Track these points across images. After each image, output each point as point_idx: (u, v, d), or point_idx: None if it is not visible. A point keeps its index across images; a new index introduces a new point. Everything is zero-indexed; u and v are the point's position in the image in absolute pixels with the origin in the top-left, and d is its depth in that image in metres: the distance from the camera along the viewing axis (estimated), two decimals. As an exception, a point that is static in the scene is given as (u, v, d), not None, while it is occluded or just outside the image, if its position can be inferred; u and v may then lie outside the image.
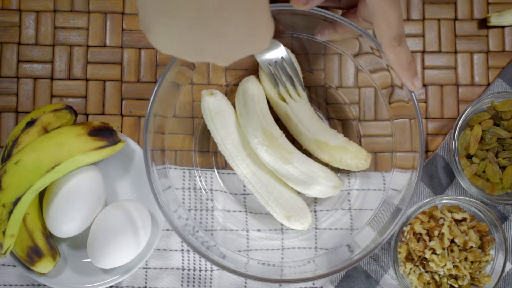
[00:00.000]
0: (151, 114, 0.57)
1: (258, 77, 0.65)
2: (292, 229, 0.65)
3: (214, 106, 0.62)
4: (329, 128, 0.65)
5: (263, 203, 0.63)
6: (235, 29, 0.38)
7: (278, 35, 0.63)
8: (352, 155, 0.62)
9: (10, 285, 0.65)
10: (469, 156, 0.64)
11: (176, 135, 0.65)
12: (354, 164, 0.63)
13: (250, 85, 0.63)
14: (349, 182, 0.66)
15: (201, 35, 0.38)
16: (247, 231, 0.66)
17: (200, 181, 0.66)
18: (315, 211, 0.66)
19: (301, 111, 0.63)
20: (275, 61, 0.62)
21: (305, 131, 0.63)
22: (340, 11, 0.63)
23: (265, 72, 0.63)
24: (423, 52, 0.69)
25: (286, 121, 0.64)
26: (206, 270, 0.66)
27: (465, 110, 0.63)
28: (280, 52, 0.62)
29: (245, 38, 0.39)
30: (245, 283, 0.66)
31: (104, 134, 0.62)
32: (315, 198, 0.66)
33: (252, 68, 0.66)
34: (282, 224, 0.65)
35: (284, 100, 0.63)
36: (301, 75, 0.64)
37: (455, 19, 0.69)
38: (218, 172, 0.67)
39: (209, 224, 0.65)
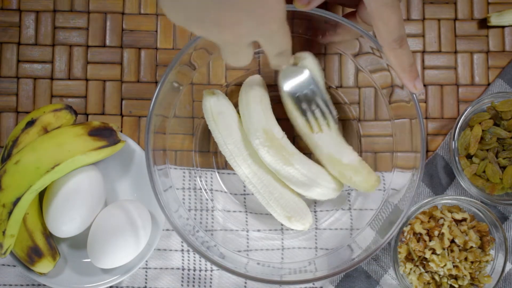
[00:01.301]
0: (153, 114, 0.57)
1: (261, 76, 0.64)
2: (292, 229, 0.65)
3: (216, 106, 0.62)
4: (346, 144, 0.63)
5: (264, 203, 0.63)
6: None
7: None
8: (362, 178, 0.61)
9: (10, 285, 0.65)
10: (469, 156, 0.64)
11: (176, 135, 0.65)
12: (362, 186, 0.62)
13: (254, 84, 0.63)
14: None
15: (208, 2, 0.39)
16: (247, 231, 0.66)
17: (200, 181, 0.66)
18: (315, 211, 0.66)
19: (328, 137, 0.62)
20: (305, 93, 0.60)
21: (320, 143, 0.62)
22: (341, 11, 0.63)
23: (292, 103, 0.60)
24: (423, 52, 0.69)
25: (302, 136, 0.64)
26: (206, 270, 0.66)
27: (465, 110, 0.63)
28: (308, 81, 0.59)
29: (251, 8, 0.40)
30: (245, 283, 0.66)
31: (104, 134, 0.62)
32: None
33: (254, 68, 0.66)
34: (282, 224, 0.65)
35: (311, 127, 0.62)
36: (334, 111, 0.61)
37: (455, 19, 0.69)
38: (218, 172, 0.67)
39: (209, 224, 0.65)
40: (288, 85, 0.59)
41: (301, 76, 0.59)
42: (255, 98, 0.62)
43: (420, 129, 0.56)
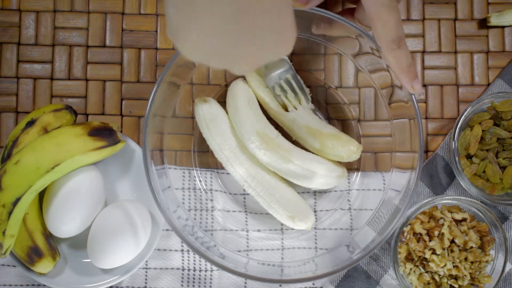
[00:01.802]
0: (151, 114, 0.57)
1: (245, 79, 0.65)
2: (292, 229, 0.65)
3: (209, 113, 0.62)
4: (321, 120, 0.65)
5: (265, 205, 0.63)
6: (262, 31, 0.38)
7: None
8: (343, 142, 0.62)
9: (10, 285, 0.65)
10: (469, 156, 0.64)
11: (175, 135, 0.65)
12: (346, 152, 0.62)
13: (239, 89, 0.63)
14: (348, 182, 0.66)
15: (229, 39, 0.38)
16: (247, 231, 0.66)
17: (200, 181, 0.66)
18: (315, 211, 0.66)
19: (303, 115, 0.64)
20: (282, 79, 0.63)
21: (297, 117, 0.63)
22: (340, 7, 0.62)
23: (267, 87, 0.64)
24: (423, 52, 0.69)
25: (278, 117, 0.65)
26: (206, 270, 0.66)
27: (465, 110, 0.63)
28: (287, 69, 0.63)
29: (271, 41, 0.40)
30: (245, 283, 0.66)
31: (104, 134, 0.62)
32: (315, 198, 0.66)
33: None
34: (282, 224, 0.65)
35: (286, 109, 0.64)
36: (307, 90, 0.65)
37: (455, 19, 0.69)
38: (217, 172, 0.67)
39: (208, 225, 0.65)
40: (270, 78, 0.63)
41: (281, 65, 0.63)
42: (243, 101, 0.62)
43: (418, 130, 0.56)
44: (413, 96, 0.55)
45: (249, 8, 0.37)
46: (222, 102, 0.65)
